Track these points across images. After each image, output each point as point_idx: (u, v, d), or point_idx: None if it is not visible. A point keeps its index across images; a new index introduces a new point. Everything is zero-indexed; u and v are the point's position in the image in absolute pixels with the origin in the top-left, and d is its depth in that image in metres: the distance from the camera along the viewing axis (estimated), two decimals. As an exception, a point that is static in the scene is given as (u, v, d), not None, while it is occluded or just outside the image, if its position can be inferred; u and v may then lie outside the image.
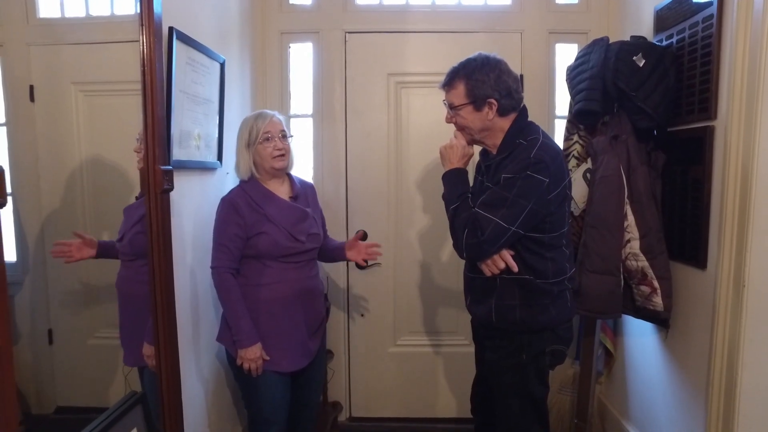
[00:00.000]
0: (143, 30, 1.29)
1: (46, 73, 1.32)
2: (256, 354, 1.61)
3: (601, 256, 1.78)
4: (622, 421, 2.18)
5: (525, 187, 1.36)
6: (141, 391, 1.33)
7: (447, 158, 1.55)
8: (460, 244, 1.43)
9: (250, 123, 1.69)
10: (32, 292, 1.30)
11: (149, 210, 1.33)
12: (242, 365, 1.62)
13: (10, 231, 1.23)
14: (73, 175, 1.39)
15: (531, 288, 1.46)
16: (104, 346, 1.44)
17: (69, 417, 1.30)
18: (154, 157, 1.32)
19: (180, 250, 1.64)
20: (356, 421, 2.56)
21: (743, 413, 1.49)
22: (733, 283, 1.49)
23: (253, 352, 1.61)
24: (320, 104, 2.43)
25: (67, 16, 1.40)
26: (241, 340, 1.61)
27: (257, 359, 1.61)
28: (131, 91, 1.42)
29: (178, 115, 1.59)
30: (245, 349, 1.60)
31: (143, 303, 1.38)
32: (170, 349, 1.39)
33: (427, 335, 2.54)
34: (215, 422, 1.94)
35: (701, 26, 1.62)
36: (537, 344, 1.48)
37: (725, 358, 1.52)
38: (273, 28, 2.40)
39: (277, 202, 1.69)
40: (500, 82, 1.44)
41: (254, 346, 1.61)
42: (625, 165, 1.79)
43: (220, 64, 1.89)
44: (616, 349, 2.26)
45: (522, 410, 1.50)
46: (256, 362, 1.61)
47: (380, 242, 2.42)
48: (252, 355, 1.61)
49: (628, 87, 1.73)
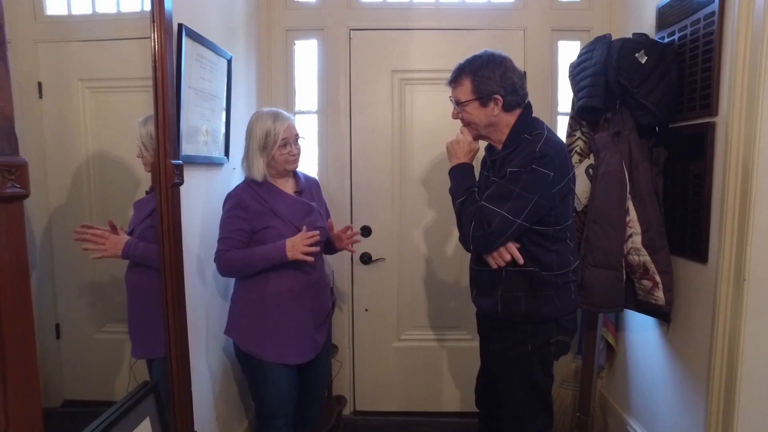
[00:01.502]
0: (154, 27, 1.31)
1: (54, 69, 1.33)
2: (294, 243, 1.57)
3: (604, 251, 1.80)
4: (623, 414, 2.20)
5: (530, 180, 1.38)
6: (153, 381, 1.36)
7: (453, 153, 1.58)
8: (467, 237, 1.45)
9: (267, 125, 1.64)
10: (39, 287, 1.31)
11: (160, 203, 1.36)
12: (301, 256, 1.57)
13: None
14: (80, 170, 1.40)
15: (536, 280, 1.48)
16: (111, 341, 1.45)
17: (76, 410, 1.31)
18: (165, 151, 1.35)
19: (188, 244, 1.66)
20: (360, 415, 2.58)
21: (743, 406, 1.51)
22: (734, 277, 1.51)
23: (292, 244, 1.57)
24: (325, 101, 2.45)
25: (74, 14, 1.42)
26: (278, 254, 1.57)
27: (297, 244, 1.57)
28: (137, 88, 1.44)
29: (187, 111, 1.61)
30: (287, 251, 1.57)
31: (152, 296, 1.39)
32: (181, 339, 1.41)
33: (431, 330, 2.56)
34: (222, 413, 1.96)
35: (703, 23, 1.64)
36: (542, 335, 1.50)
37: (725, 352, 1.54)
38: (278, 25, 2.42)
39: (284, 198, 1.71)
40: (505, 78, 1.47)
41: (285, 244, 1.58)
42: (627, 161, 1.81)
43: (227, 60, 1.91)
44: (617, 343, 2.28)
45: (527, 400, 1.53)
46: (300, 246, 1.56)
47: (384, 237, 2.48)
48: (294, 246, 1.57)
49: (631, 83, 1.75)
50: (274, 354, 1.65)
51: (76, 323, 1.38)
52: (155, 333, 1.42)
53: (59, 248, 1.32)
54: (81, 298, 1.41)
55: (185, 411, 1.43)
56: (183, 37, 1.54)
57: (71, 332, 1.36)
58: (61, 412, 1.31)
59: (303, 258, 1.57)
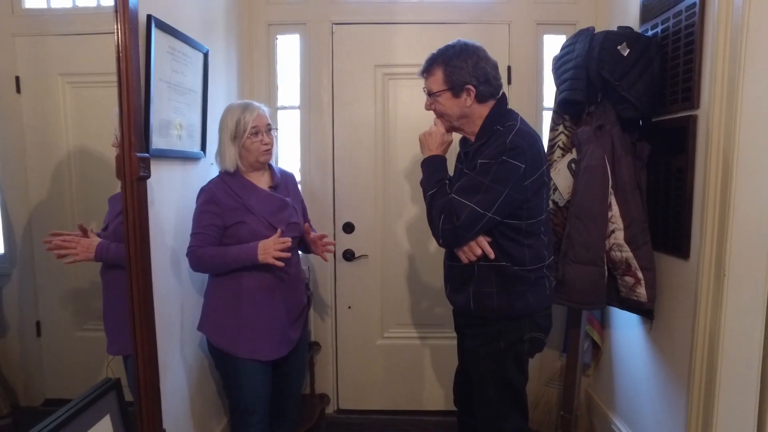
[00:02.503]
0: (117, 17, 1.29)
1: (32, 64, 1.32)
2: (266, 246, 1.57)
3: (585, 247, 1.78)
4: (608, 413, 2.17)
5: (501, 172, 1.36)
6: (115, 378, 1.33)
7: (426, 145, 1.55)
8: (436, 231, 1.43)
9: (237, 115, 1.65)
10: (20, 285, 1.31)
11: (125, 197, 1.33)
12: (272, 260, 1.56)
13: (-3, 223, 1.24)
14: (61, 166, 1.39)
15: (508, 275, 1.45)
16: (92, 339, 1.44)
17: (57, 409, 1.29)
18: (130, 144, 1.32)
19: (161, 239, 1.64)
20: (343, 414, 2.56)
21: (723, 401, 1.48)
22: (714, 272, 1.49)
23: (264, 248, 1.56)
24: (307, 96, 2.42)
25: (53, 7, 1.40)
26: (249, 256, 1.57)
27: (269, 248, 1.56)
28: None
29: (159, 104, 1.59)
30: (258, 254, 1.56)
31: (126, 293, 1.37)
32: (147, 334, 1.38)
33: (415, 327, 2.53)
34: (198, 410, 1.94)
35: (684, 15, 1.61)
36: (515, 331, 1.47)
37: (706, 348, 1.52)
38: (260, 19, 2.40)
39: (257, 192, 1.69)
40: (478, 68, 1.44)
41: (257, 246, 1.57)
42: (610, 155, 1.78)
43: (203, 54, 1.88)
44: (603, 341, 2.26)
45: (500, 398, 1.50)
46: (272, 251, 1.56)
47: (367, 234, 2.46)
48: (265, 250, 1.56)
49: (612, 76, 1.72)
50: (247, 350, 1.63)
51: (57, 321, 1.37)
52: (128, 329, 1.39)
53: (40, 246, 1.30)
54: (62, 295, 1.39)
55: (152, 408, 1.40)
56: (152, 28, 1.51)
57: (52, 330, 1.35)
58: (42, 410, 1.29)
59: (274, 262, 1.56)
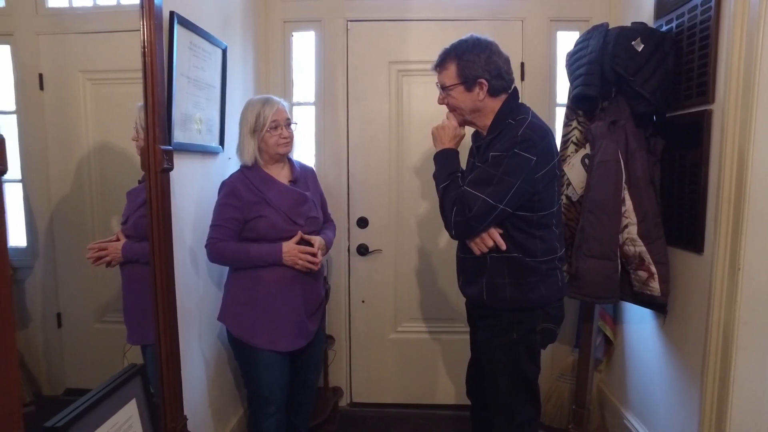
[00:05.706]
0: (144, 13, 1.33)
1: (55, 61, 1.35)
2: (291, 251, 1.65)
3: (599, 241, 1.79)
4: (621, 408, 2.18)
5: (512, 165, 1.37)
6: (141, 363, 1.37)
7: (438, 138, 1.57)
8: (448, 223, 1.45)
9: (257, 109, 1.69)
10: (42, 277, 1.33)
11: (149, 189, 1.37)
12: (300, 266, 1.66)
13: (20, 217, 1.27)
14: (82, 161, 1.42)
15: (520, 266, 1.47)
16: (112, 330, 1.47)
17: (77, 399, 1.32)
18: (155, 136, 1.36)
19: (181, 231, 1.68)
20: (356, 407, 2.59)
21: (737, 396, 1.49)
22: (729, 266, 1.49)
23: (289, 252, 1.64)
24: (322, 92, 2.45)
25: (75, 6, 1.44)
26: (274, 258, 1.64)
27: (293, 253, 1.65)
28: (137, 80, 1.45)
29: (180, 99, 1.62)
30: (283, 257, 1.64)
31: (146, 284, 1.41)
32: (170, 323, 1.42)
33: (427, 322, 2.55)
34: (216, 400, 1.98)
35: (700, 10, 1.61)
36: (527, 322, 1.49)
37: (720, 342, 1.52)
38: (276, 16, 2.43)
39: (277, 186, 1.72)
40: (490, 62, 1.46)
41: (281, 249, 1.64)
42: (624, 150, 1.79)
43: (222, 50, 1.92)
44: (615, 336, 2.26)
45: (513, 389, 1.51)
46: (297, 255, 1.65)
47: (381, 229, 2.48)
48: (290, 254, 1.64)
49: (626, 71, 1.73)
50: (266, 340, 1.66)
51: (77, 313, 1.40)
52: (149, 320, 1.43)
53: (61, 239, 1.34)
54: (82, 288, 1.42)
55: (174, 395, 1.44)
56: (175, 24, 1.55)
57: (73, 321, 1.38)
58: (63, 400, 1.32)
59: (302, 269, 1.66)
